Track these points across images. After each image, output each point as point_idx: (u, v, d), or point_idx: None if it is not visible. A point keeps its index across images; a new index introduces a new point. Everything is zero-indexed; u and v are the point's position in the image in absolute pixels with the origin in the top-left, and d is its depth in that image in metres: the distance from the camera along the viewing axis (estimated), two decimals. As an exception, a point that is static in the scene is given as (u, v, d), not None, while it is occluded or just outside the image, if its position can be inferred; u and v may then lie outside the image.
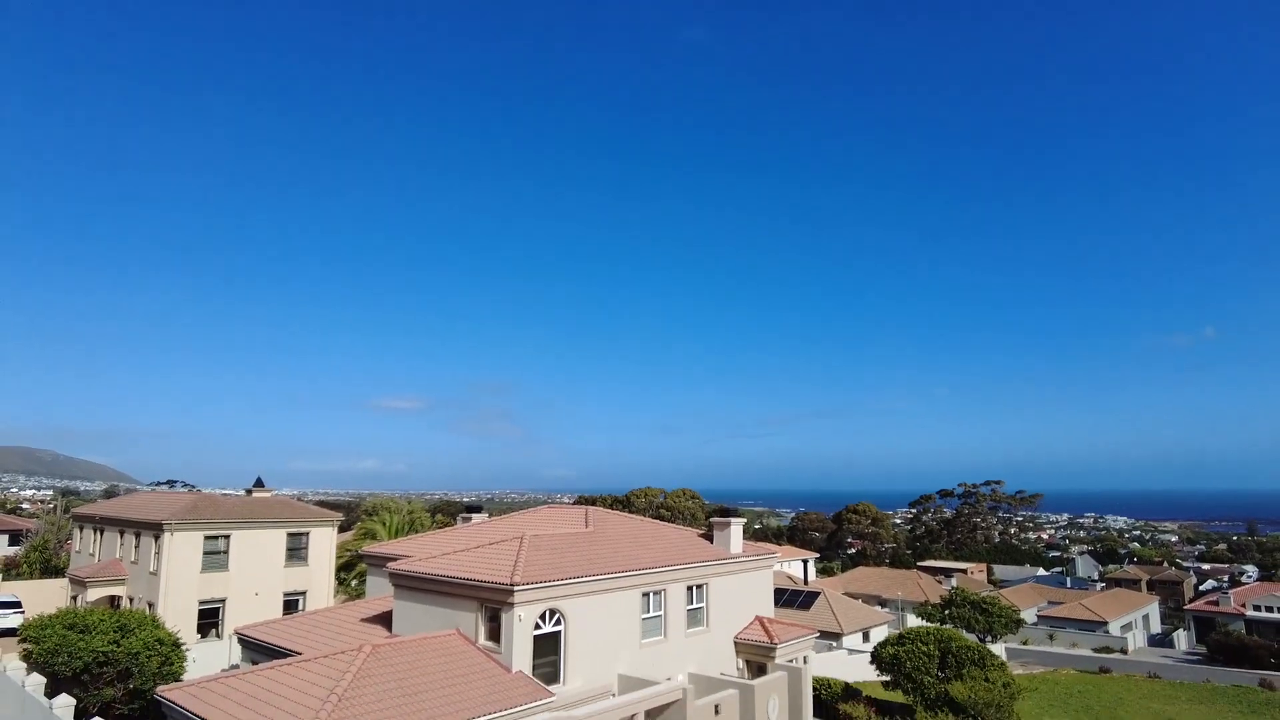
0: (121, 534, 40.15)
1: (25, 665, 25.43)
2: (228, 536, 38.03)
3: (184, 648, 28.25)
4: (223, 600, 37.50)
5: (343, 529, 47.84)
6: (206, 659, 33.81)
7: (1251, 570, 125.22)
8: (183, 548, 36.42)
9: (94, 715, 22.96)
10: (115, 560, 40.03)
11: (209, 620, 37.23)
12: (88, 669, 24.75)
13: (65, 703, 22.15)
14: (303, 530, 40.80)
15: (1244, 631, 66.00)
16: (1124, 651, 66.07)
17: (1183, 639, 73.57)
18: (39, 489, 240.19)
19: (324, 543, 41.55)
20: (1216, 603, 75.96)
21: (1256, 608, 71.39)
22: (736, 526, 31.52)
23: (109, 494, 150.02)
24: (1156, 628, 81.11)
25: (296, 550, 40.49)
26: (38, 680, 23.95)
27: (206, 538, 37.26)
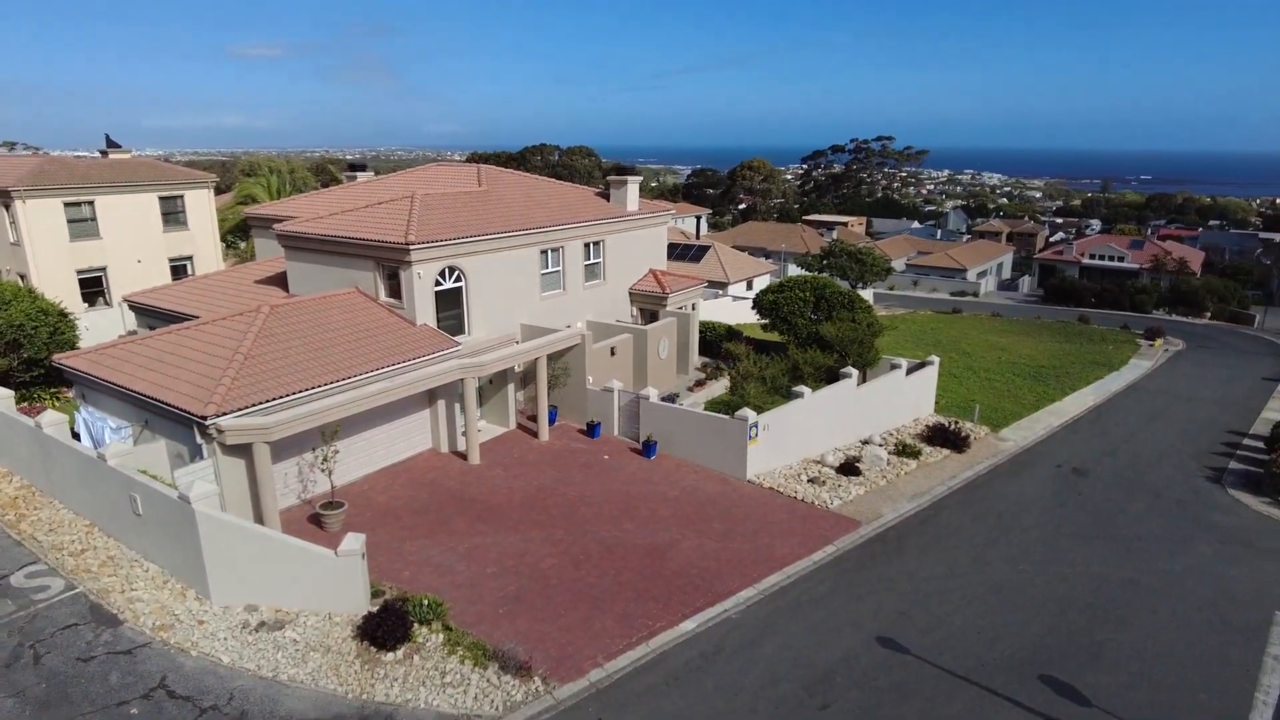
0: (-34, 201, 36.73)
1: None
2: (91, 203, 35.37)
3: (72, 317, 27.64)
4: (103, 269, 36.03)
5: (219, 191, 45.18)
6: (100, 327, 33.35)
7: (1096, 224, 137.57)
8: (40, 216, 33.80)
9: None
10: (-32, 230, 37.07)
11: (93, 289, 36.03)
12: (-28, 340, 24.14)
13: (-43, 370, 21.97)
14: (175, 193, 38.32)
15: (1077, 277, 74.79)
16: (976, 295, 74.25)
17: (1026, 284, 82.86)
18: None
19: (202, 205, 39.42)
20: (1061, 252, 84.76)
21: (1092, 256, 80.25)
22: (633, 186, 31.73)
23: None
24: (1009, 275, 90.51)
25: (173, 215, 38.39)
26: (-81, 350, 23.37)
27: (67, 204, 34.56)
